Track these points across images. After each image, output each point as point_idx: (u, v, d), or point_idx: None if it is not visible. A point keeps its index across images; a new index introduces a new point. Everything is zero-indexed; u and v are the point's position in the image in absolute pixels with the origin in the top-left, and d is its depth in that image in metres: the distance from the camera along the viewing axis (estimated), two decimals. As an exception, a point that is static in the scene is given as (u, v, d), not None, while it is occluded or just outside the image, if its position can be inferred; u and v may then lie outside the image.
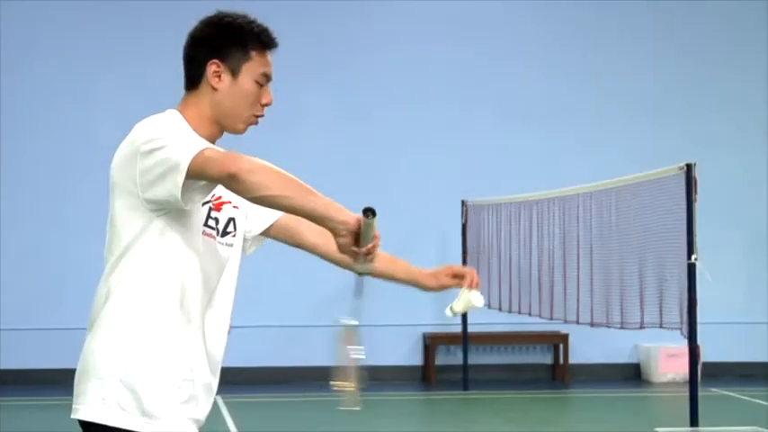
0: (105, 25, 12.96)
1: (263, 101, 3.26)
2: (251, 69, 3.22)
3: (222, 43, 3.20)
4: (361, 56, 13.25)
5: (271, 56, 3.26)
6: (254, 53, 3.22)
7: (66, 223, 12.58)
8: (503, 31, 13.39)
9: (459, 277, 3.59)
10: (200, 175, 2.95)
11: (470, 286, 3.56)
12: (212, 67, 3.19)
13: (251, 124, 3.28)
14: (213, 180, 2.97)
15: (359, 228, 2.94)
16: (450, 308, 3.65)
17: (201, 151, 2.94)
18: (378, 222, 2.97)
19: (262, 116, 3.28)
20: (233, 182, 2.90)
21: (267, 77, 3.26)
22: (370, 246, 2.99)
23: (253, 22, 3.24)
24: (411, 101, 13.19)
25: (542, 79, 13.32)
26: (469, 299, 3.58)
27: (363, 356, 3.12)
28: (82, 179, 12.39)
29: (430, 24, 13.32)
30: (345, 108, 13.16)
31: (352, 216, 2.95)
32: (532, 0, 13.45)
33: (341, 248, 2.98)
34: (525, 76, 13.32)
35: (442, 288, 3.64)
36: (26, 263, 12.64)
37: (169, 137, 3.01)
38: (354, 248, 2.97)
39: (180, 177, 2.93)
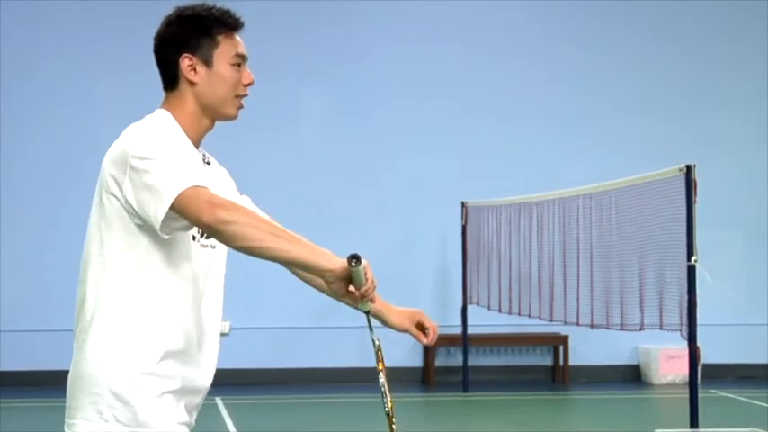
0: (105, 25, 12.96)
1: (245, 81, 3.23)
2: (223, 54, 3.20)
3: (188, 37, 3.18)
4: (360, 55, 13.25)
5: (239, 36, 3.24)
6: (220, 38, 3.20)
7: (65, 223, 12.55)
8: (503, 32, 13.39)
9: (421, 329, 3.59)
10: (182, 214, 2.95)
11: (429, 342, 3.56)
12: (185, 62, 3.18)
13: (239, 108, 3.26)
14: (194, 224, 2.97)
15: (348, 273, 2.92)
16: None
17: (186, 191, 2.92)
18: (361, 268, 2.93)
19: (246, 96, 3.25)
20: (209, 231, 2.93)
21: (242, 57, 3.22)
22: (363, 289, 2.98)
23: (212, 7, 3.22)
24: (411, 101, 13.18)
25: (542, 80, 13.31)
26: None
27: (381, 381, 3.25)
28: (82, 179, 12.32)
29: (430, 24, 13.31)
30: (344, 108, 13.15)
31: (337, 263, 2.93)
32: (532, 0, 13.44)
33: (334, 295, 3.01)
34: (525, 76, 13.31)
35: (402, 330, 3.62)
36: (26, 263, 12.63)
37: (161, 157, 2.99)
38: (349, 292, 2.98)
39: (161, 212, 2.94)
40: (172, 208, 2.93)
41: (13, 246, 12.64)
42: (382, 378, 3.19)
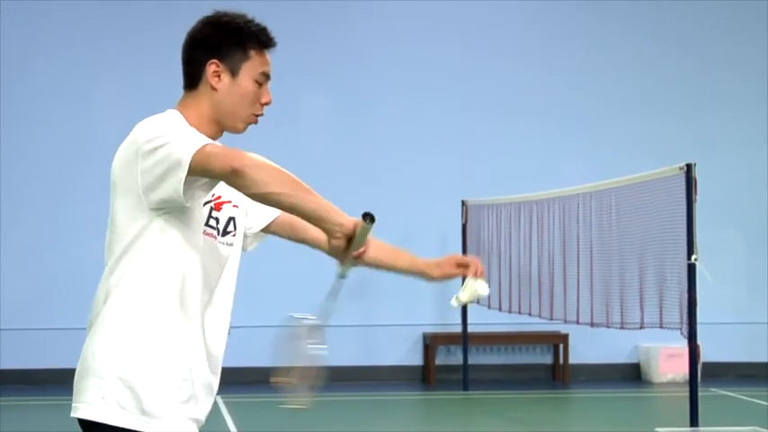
0: (105, 25, 12.96)
1: (263, 100, 3.27)
2: (250, 69, 3.23)
3: (221, 43, 3.20)
4: (360, 55, 13.25)
5: (269, 55, 3.27)
6: (253, 53, 3.23)
7: (65, 223, 12.58)
8: (503, 32, 13.39)
9: (463, 266, 3.62)
10: (202, 172, 2.95)
11: (475, 275, 3.58)
12: (212, 67, 3.20)
13: (251, 123, 3.28)
14: (215, 176, 2.97)
15: (354, 231, 2.94)
16: (456, 297, 3.67)
17: (203, 147, 2.95)
18: (373, 228, 2.98)
19: (261, 115, 3.29)
20: (235, 177, 2.91)
21: (266, 77, 3.26)
22: (360, 250, 3.00)
23: (251, 21, 3.24)
24: (411, 100, 13.19)
25: (543, 79, 13.31)
26: (475, 288, 3.59)
27: (324, 355, 3.11)
28: (81, 179, 12.39)
29: (430, 24, 13.32)
30: (345, 107, 13.16)
31: (349, 219, 2.98)
32: (532, 0, 13.45)
33: (332, 250, 3.01)
34: (525, 76, 13.31)
35: (446, 277, 3.66)
36: (26, 263, 12.63)
37: (170, 134, 3.01)
38: (345, 251, 2.99)
39: (182, 174, 2.94)
40: (192, 170, 2.93)
41: (13, 245, 12.64)
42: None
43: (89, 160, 12.28)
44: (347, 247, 2.99)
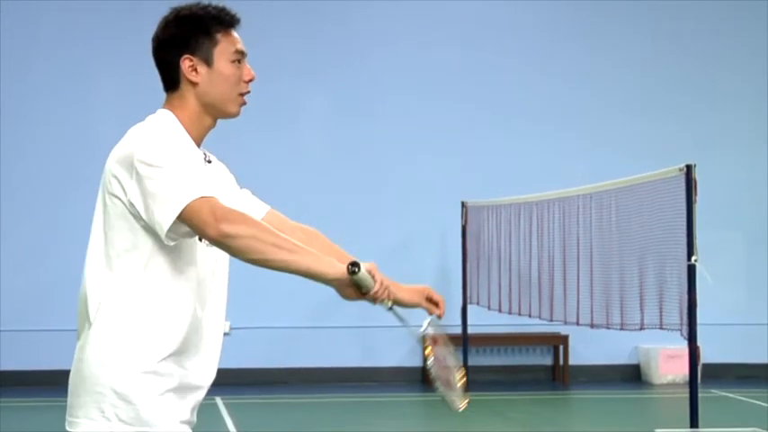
0: (105, 25, 12.96)
1: (245, 78, 3.24)
2: (222, 52, 3.21)
3: (187, 37, 3.19)
4: (360, 55, 13.25)
5: (236, 32, 3.24)
6: (219, 35, 3.21)
7: (65, 224, 12.56)
8: (503, 32, 13.38)
9: (431, 303, 3.57)
10: (188, 225, 2.98)
11: (439, 315, 3.55)
12: (186, 63, 3.18)
13: (242, 104, 3.26)
14: (201, 235, 3.01)
15: (351, 277, 2.97)
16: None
17: (191, 203, 2.95)
18: (374, 269, 2.97)
19: (248, 92, 3.26)
20: (221, 245, 2.97)
21: (241, 53, 3.24)
22: (373, 292, 3.02)
23: (208, 6, 3.22)
24: (411, 101, 13.18)
25: (543, 79, 13.31)
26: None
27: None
28: (81, 180, 12.35)
29: (430, 24, 13.31)
30: (345, 108, 13.15)
31: (340, 271, 2.98)
32: (533, 0, 13.44)
33: (348, 299, 3.04)
34: (525, 76, 13.31)
35: (413, 305, 3.60)
36: (25, 264, 12.63)
37: (167, 165, 3.00)
38: (363, 294, 3.02)
39: (167, 223, 2.97)
40: (180, 218, 2.96)
41: (13, 245, 12.64)
42: (431, 364, 3.24)
43: (89, 160, 12.22)
44: (361, 293, 3.00)
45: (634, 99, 13.39)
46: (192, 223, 2.96)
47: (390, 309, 3.11)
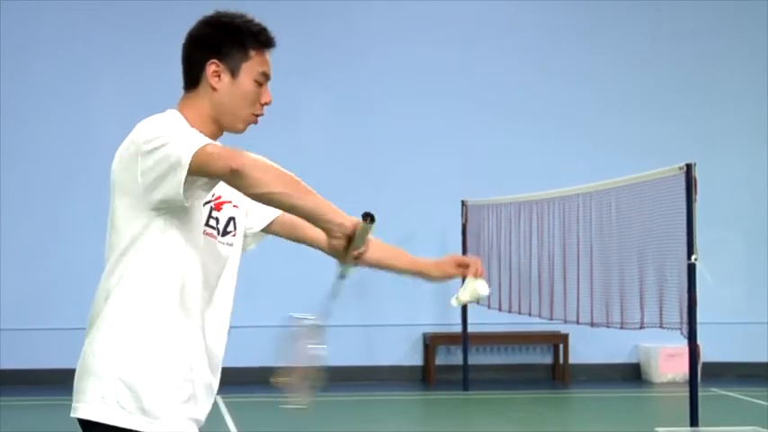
0: (105, 25, 12.96)
1: (263, 100, 3.27)
2: (250, 69, 3.23)
3: (221, 43, 3.20)
4: (360, 55, 13.25)
5: (269, 55, 3.26)
6: (253, 53, 3.23)
7: (65, 223, 12.58)
8: (503, 31, 13.39)
9: (463, 266, 3.60)
10: (202, 171, 2.95)
11: (475, 275, 3.57)
12: (212, 67, 3.19)
13: (250, 123, 3.29)
14: (215, 176, 2.97)
15: (354, 231, 2.95)
16: (456, 297, 3.67)
17: (203, 147, 2.95)
18: (374, 228, 2.98)
19: (261, 115, 3.28)
20: (235, 177, 2.91)
21: (266, 77, 3.26)
22: (360, 250, 3.00)
23: (251, 21, 3.24)
24: (411, 101, 13.19)
25: (542, 79, 13.31)
26: (475, 288, 3.58)
27: (324, 355, 3.12)
28: (81, 179, 12.39)
29: (430, 24, 13.31)
30: (344, 107, 13.16)
31: (348, 219, 2.98)
32: (533, 0, 13.45)
33: (332, 249, 3.01)
34: (525, 75, 13.31)
35: (446, 277, 3.65)
36: (26, 263, 12.63)
37: (170, 134, 3.01)
38: (345, 251, 2.99)
39: (182, 173, 2.94)
40: (192, 170, 2.93)
41: (13, 245, 12.64)
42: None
43: (89, 160, 12.28)
44: (347, 247, 2.99)
45: (634, 99, 13.39)
46: (210, 165, 2.92)
47: (345, 277, 3.08)
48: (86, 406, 3.08)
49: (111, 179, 3.14)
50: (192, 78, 3.22)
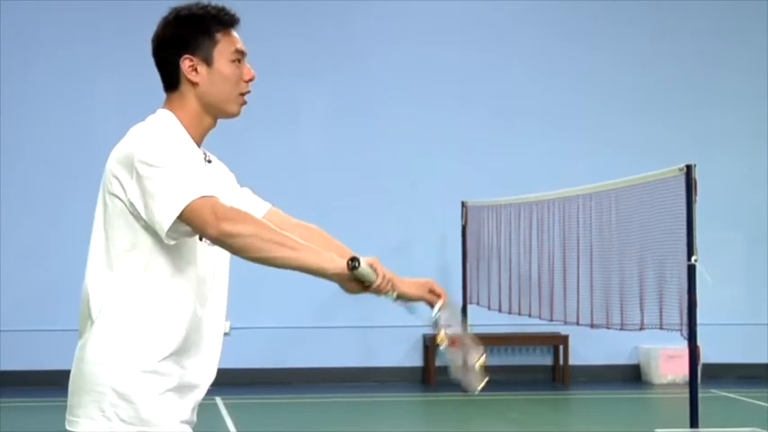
0: (105, 25, 12.96)
1: (246, 77, 3.25)
2: (222, 51, 3.21)
3: (187, 37, 3.19)
4: (360, 55, 13.24)
5: (236, 32, 3.25)
6: (219, 35, 3.21)
7: (65, 223, 12.56)
8: (503, 32, 13.38)
9: (434, 295, 3.55)
10: (189, 224, 2.99)
11: (441, 306, 3.54)
12: (186, 63, 3.19)
13: (242, 104, 3.27)
14: (202, 234, 3.02)
15: (352, 272, 2.98)
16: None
17: (192, 202, 2.95)
18: (376, 263, 2.99)
19: (248, 92, 3.26)
20: (222, 244, 2.97)
21: (241, 53, 3.24)
22: (375, 285, 3.01)
23: (207, 5, 3.23)
24: (411, 101, 13.18)
25: (542, 79, 13.31)
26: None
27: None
28: (82, 179, 12.36)
29: (430, 24, 13.31)
30: (344, 108, 13.15)
31: (341, 266, 2.98)
32: (533, 0, 13.44)
33: (351, 293, 3.03)
34: (526, 76, 13.31)
35: (420, 299, 3.58)
36: (26, 263, 12.63)
37: (167, 165, 3.00)
38: (365, 290, 3.01)
39: (167, 222, 2.97)
40: (180, 218, 2.96)
41: (14, 245, 12.64)
42: (443, 349, 3.32)
43: (89, 160, 12.22)
44: (363, 287, 3.01)
45: (634, 99, 13.38)
46: (193, 222, 2.96)
47: (396, 300, 3.11)
48: (90, 422, 3.07)
49: (104, 178, 3.12)
50: (171, 79, 3.22)
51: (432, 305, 3.36)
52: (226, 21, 3.22)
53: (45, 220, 12.71)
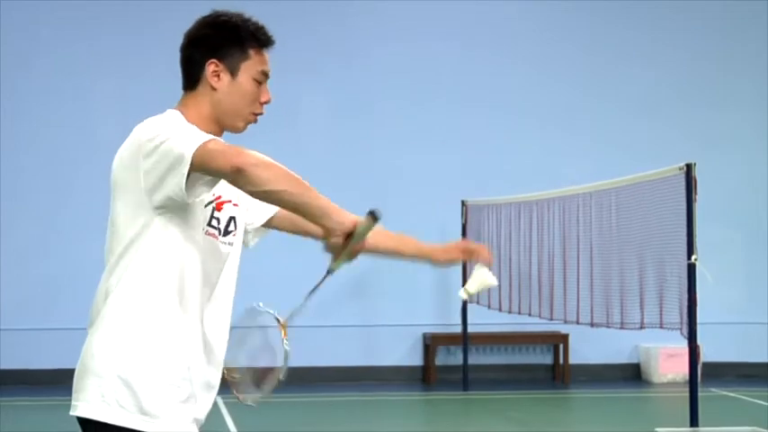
0: (105, 25, 12.96)
1: (262, 99, 3.27)
2: (249, 68, 3.23)
3: (220, 43, 3.20)
4: (360, 54, 13.25)
5: (268, 54, 3.27)
6: (251, 52, 3.24)
7: (65, 223, 12.58)
8: (503, 32, 13.39)
9: (469, 253, 3.57)
10: (204, 168, 2.96)
11: (483, 262, 3.54)
12: (211, 67, 3.20)
13: (250, 122, 3.29)
14: (217, 173, 2.98)
15: (353, 229, 2.95)
16: (465, 289, 3.63)
17: (204, 143, 2.96)
18: (375, 227, 3.00)
19: (261, 114, 3.29)
20: (237, 175, 2.92)
21: (265, 75, 3.27)
22: (359, 245, 3.02)
23: (249, 20, 3.24)
24: (411, 101, 13.19)
25: (542, 79, 13.31)
26: (483, 278, 3.53)
27: (286, 351, 3.22)
28: (81, 179, 12.39)
29: (430, 23, 13.31)
30: (344, 107, 13.16)
31: (349, 218, 2.99)
32: (533, 0, 13.45)
33: (329, 247, 3.02)
34: (525, 76, 13.31)
35: (452, 262, 3.62)
36: (26, 263, 12.63)
37: (171, 131, 3.03)
38: (342, 248, 3.00)
39: (184, 169, 2.95)
40: (194, 166, 2.94)
41: (14, 244, 12.64)
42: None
43: (89, 160, 12.28)
44: (345, 245, 2.98)
45: (634, 99, 13.39)
46: (213, 161, 2.93)
47: (333, 272, 3.10)
48: (86, 404, 3.08)
49: (112, 179, 3.14)
50: (192, 79, 3.23)
51: (464, 266, 3.42)
52: (262, 40, 3.25)
53: (45, 219, 12.71)
